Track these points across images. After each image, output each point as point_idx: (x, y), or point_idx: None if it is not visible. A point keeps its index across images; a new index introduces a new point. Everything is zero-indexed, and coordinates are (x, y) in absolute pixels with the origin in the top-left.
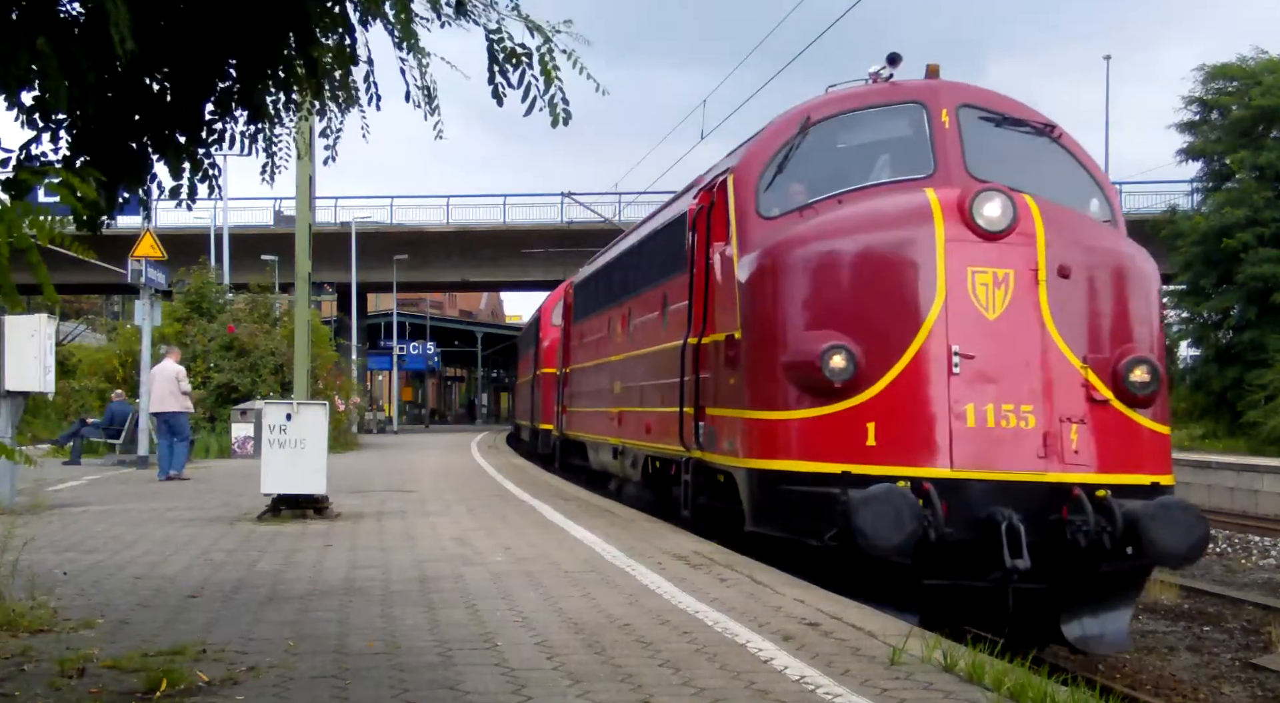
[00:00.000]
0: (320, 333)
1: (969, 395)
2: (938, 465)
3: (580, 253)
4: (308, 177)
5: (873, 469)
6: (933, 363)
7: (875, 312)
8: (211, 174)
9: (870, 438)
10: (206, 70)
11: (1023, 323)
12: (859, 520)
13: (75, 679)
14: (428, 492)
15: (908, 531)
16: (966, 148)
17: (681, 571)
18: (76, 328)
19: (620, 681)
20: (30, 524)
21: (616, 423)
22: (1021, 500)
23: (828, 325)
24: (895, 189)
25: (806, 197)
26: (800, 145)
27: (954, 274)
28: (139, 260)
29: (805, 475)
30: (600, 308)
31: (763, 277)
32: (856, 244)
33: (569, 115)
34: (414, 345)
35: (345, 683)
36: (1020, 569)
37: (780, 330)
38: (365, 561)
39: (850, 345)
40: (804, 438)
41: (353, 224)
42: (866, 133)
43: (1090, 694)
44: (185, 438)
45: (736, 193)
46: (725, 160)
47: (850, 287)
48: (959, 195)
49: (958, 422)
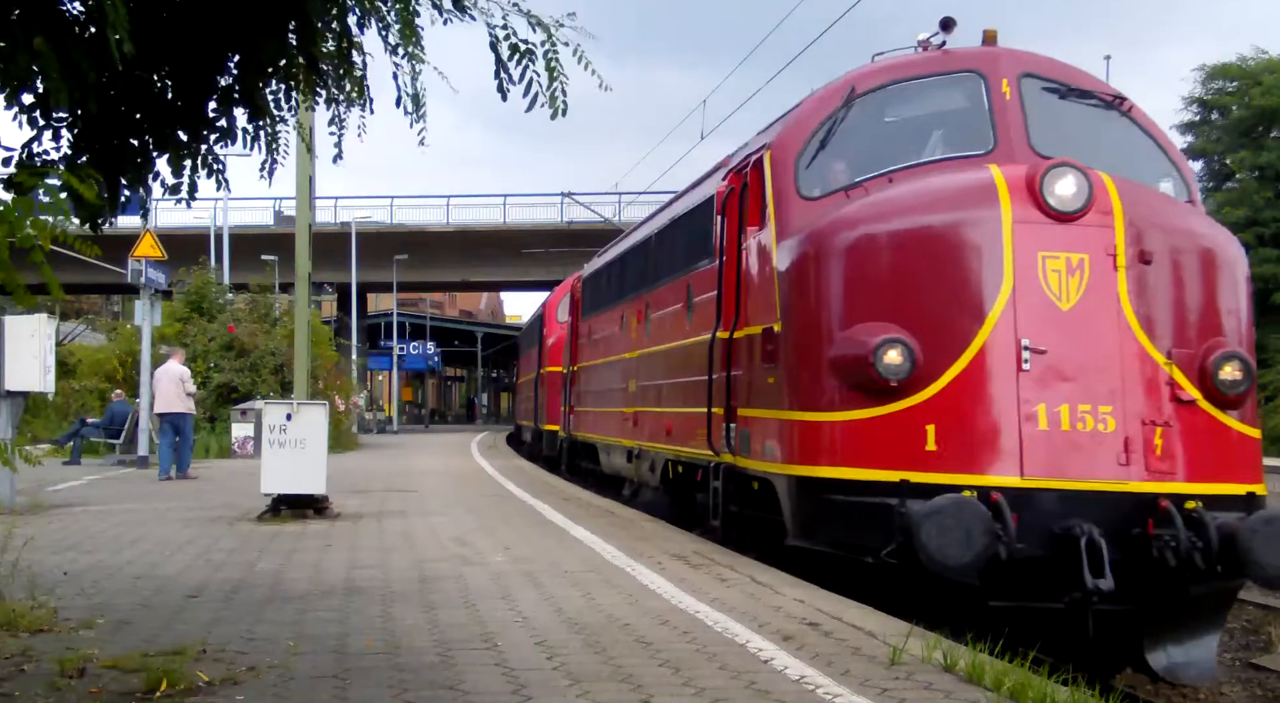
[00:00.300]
0: (320, 333)
1: (1040, 395)
2: (1006, 473)
3: (580, 253)
4: (308, 176)
5: (934, 477)
6: (1000, 358)
7: (934, 301)
8: (216, 168)
9: (930, 442)
10: (207, 68)
11: (1100, 314)
12: (923, 536)
13: (75, 679)
14: (428, 492)
15: (978, 548)
16: (1030, 121)
17: (681, 571)
18: (76, 328)
19: (620, 681)
20: (30, 524)
21: (631, 424)
22: (1101, 513)
23: (881, 317)
24: (953, 166)
25: (852, 175)
26: (844, 119)
27: (1023, 259)
28: (139, 260)
29: (856, 484)
30: (613, 302)
31: (806, 263)
32: (912, 226)
33: (566, 107)
34: (414, 345)
35: (345, 683)
36: (1103, 590)
37: (826, 323)
38: (365, 561)
39: (906, 339)
40: (855, 442)
41: (353, 224)
42: (918, 105)
43: (1090, 694)
44: (189, 439)
45: (774, 172)
46: (758, 138)
47: (906, 274)
48: (1027, 172)
49: (1028, 424)
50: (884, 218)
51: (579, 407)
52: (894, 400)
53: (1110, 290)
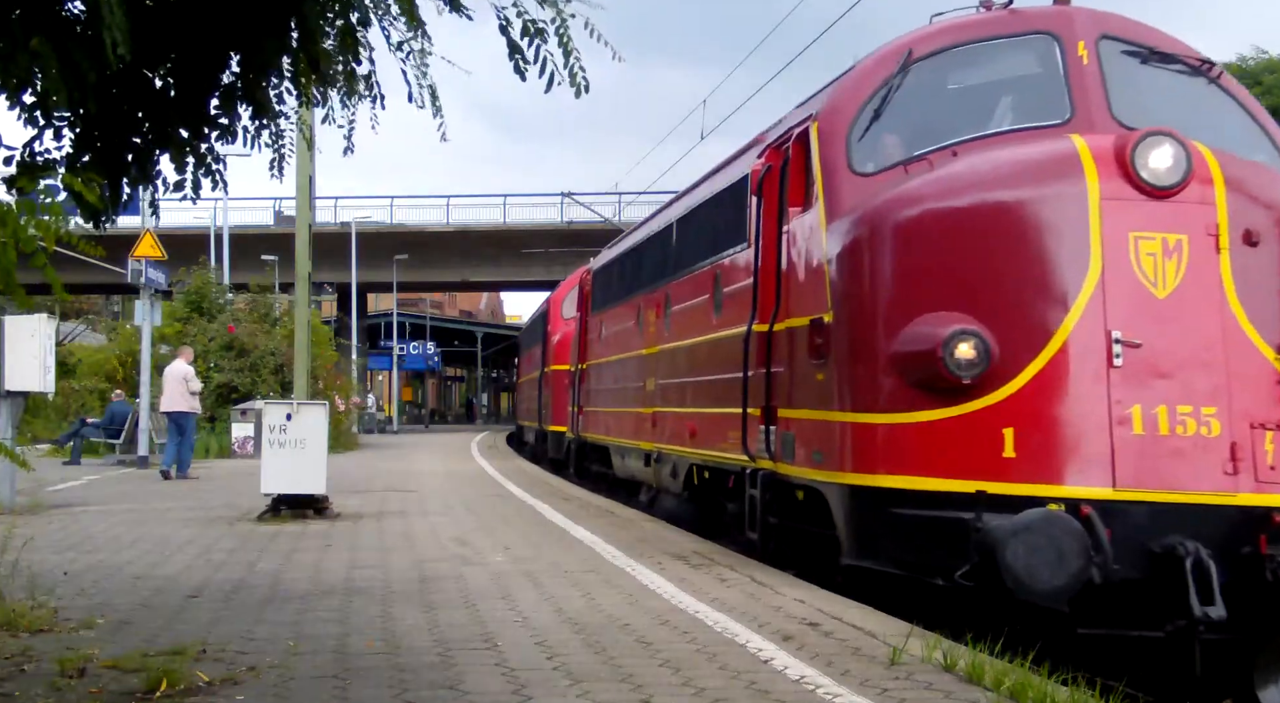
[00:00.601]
0: (320, 333)
1: (1134, 394)
2: (1096, 484)
3: (580, 253)
4: (308, 176)
5: (1013, 488)
6: (1087, 353)
7: (1011, 288)
8: (216, 168)
9: (1008, 448)
10: (208, 66)
11: (1201, 302)
12: (1009, 557)
13: (75, 679)
14: (428, 492)
15: (1072, 570)
16: (1110, 88)
17: (681, 571)
18: (76, 328)
19: (620, 681)
20: (30, 524)
21: (649, 425)
22: (1205, 529)
23: (950, 306)
24: (1026, 138)
25: (909, 149)
26: (901, 86)
27: (1112, 241)
28: (139, 260)
29: (924, 496)
30: (627, 295)
31: (862, 246)
32: (985, 203)
33: (588, 83)
34: (414, 345)
35: (345, 683)
36: (1213, 619)
37: (887, 313)
38: (365, 561)
39: (980, 331)
40: (922, 448)
41: (353, 224)
42: (983, 71)
43: (1090, 694)
44: (190, 439)
45: (822, 145)
46: (797, 111)
47: (978, 258)
48: (1116, 143)
49: (1120, 428)
50: (952, 194)
51: (589, 406)
52: (966, 401)
53: (1212, 276)
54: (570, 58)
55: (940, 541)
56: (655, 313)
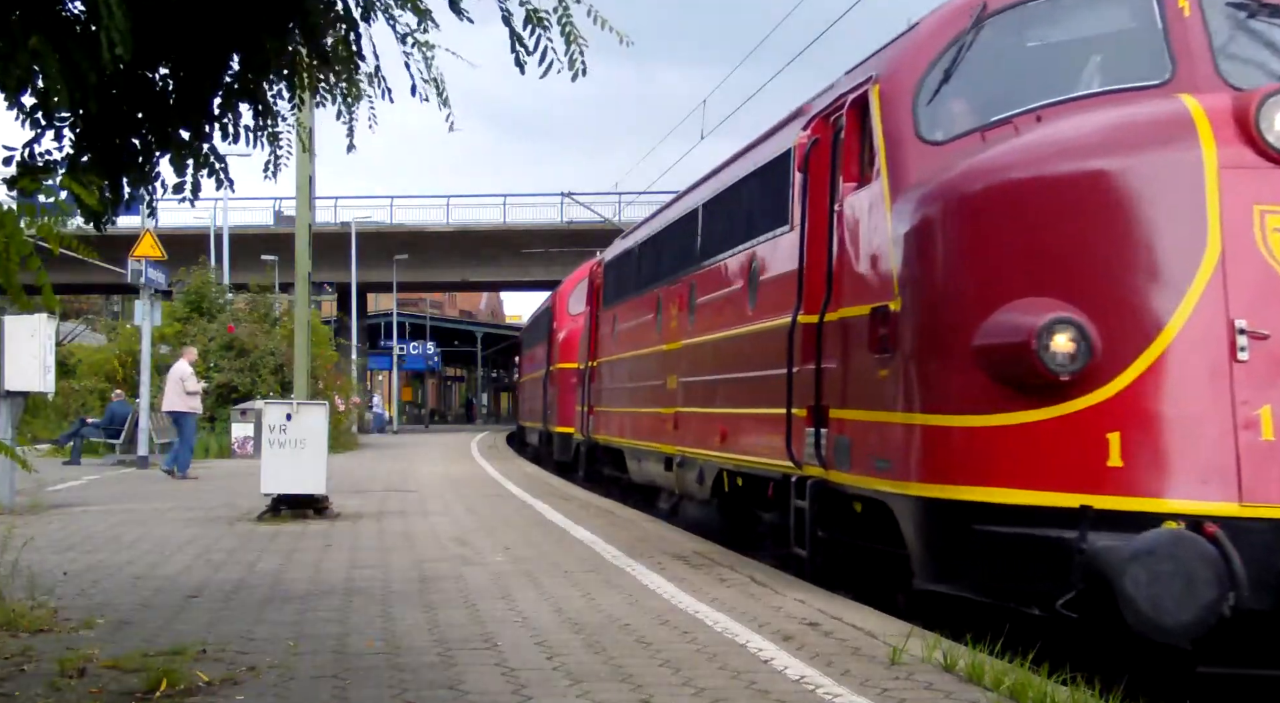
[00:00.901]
0: (320, 333)
1: (1263, 394)
2: (1219, 498)
3: (580, 253)
4: (308, 176)
5: (1123, 502)
6: (1205, 344)
7: (1114, 270)
8: (218, 167)
9: (1114, 456)
10: (209, 66)
11: None
12: (1129, 586)
13: (75, 679)
14: (428, 492)
15: (1204, 601)
16: (1215, 45)
17: (681, 571)
18: (76, 328)
19: (620, 681)
20: (30, 524)
21: (671, 426)
22: None
23: (1043, 290)
24: (1124, 99)
25: (983, 114)
26: (974, 44)
27: (1233, 215)
28: (139, 260)
29: (1016, 510)
30: (645, 287)
31: (936, 223)
32: (1083, 173)
33: (586, 67)
34: (414, 345)
35: (345, 683)
36: None
37: (970, 299)
38: (365, 561)
39: (1080, 319)
40: (1011, 455)
41: (353, 224)
42: (1067, 26)
43: (1090, 694)
44: (189, 439)
45: (885, 111)
46: (848, 78)
47: (1075, 235)
48: (1236, 103)
49: (1247, 433)
50: (1043, 162)
51: (600, 406)
52: (1064, 400)
53: None
54: (571, 45)
55: (1035, 563)
56: (678, 305)
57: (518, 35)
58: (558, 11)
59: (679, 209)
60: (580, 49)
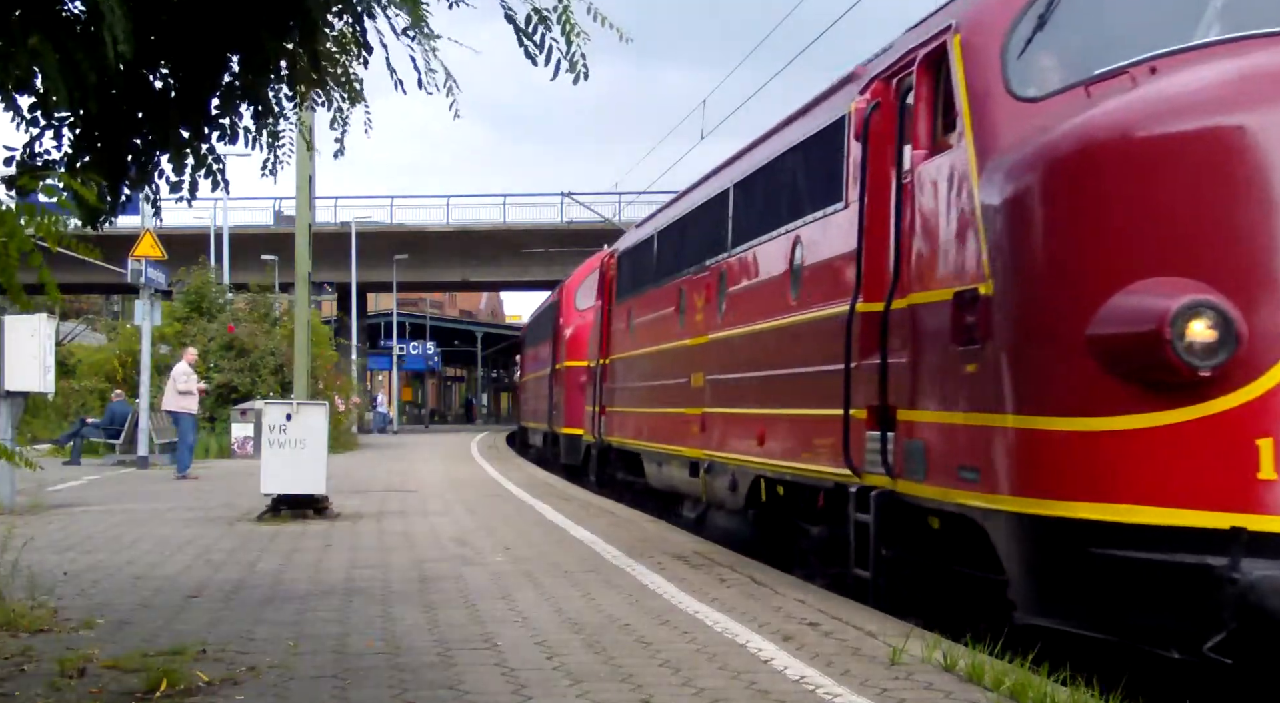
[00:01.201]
0: (320, 333)
1: None
2: None
3: (580, 253)
4: (307, 176)
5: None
6: None
7: (1258, 245)
8: (216, 168)
9: (1266, 467)
10: (209, 66)
11: None
12: None
13: (75, 679)
14: (428, 492)
15: None
16: None
17: (681, 571)
18: (76, 328)
19: (620, 681)
20: (30, 524)
21: (697, 428)
22: None
23: (1173, 269)
24: (1255, 47)
25: (1083, 67)
26: None
27: None
28: (139, 260)
29: (1146, 531)
30: (666, 277)
31: (1041, 192)
32: (1219, 130)
33: (588, 71)
34: (414, 345)
35: (345, 683)
36: None
37: (1084, 279)
38: (365, 561)
39: (1221, 302)
40: (1139, 465)
41: (353, 224)
42: None
43: (1090, 694)
44: (186, 438)
45: (968, 64)
46: (914, 34)
47: (1209, 204)
48: None
49: None
50: (1167, 119)
51: (614, 406)
52: (1202, 400)
53: None
54: (573, 44)
55: (1171, 596)
56: (704, 296)
57: (523, 31)
58: (558, 9)
59: (704, 192)
60: (581, 49)
